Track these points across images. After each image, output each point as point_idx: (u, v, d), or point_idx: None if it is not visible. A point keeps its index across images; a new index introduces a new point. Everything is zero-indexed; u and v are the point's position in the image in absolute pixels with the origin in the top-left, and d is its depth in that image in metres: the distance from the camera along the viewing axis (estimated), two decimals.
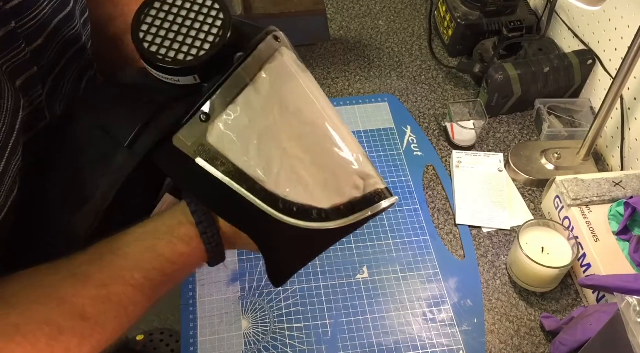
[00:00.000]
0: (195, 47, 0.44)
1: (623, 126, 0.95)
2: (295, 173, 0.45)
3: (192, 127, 0.44)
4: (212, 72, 0.44)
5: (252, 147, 0.44)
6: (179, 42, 0.44)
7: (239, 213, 0.46)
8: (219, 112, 0.44)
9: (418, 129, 1.04)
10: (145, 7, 0.45)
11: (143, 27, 0.45)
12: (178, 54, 0.44)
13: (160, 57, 0.44)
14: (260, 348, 0.77)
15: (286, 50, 0.47)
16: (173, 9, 0.45)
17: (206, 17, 0.45)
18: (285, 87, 0.46)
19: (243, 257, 0.86)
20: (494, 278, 0.85)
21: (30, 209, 0.48)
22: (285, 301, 0.81)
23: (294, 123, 0.46)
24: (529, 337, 0.79)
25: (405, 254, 0.87)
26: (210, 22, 0.45)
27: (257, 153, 0.44)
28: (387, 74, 1.14)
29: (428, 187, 0.96)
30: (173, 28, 0.45)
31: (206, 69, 0.44)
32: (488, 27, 1.12)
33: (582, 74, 1.04)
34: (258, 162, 0.44)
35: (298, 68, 0.48)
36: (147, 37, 0.44)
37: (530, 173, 0.96)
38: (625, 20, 0.91)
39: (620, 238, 0.81)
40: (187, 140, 0.44)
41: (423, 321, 0.80)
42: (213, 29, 0.45)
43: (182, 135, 0.44)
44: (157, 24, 0.45)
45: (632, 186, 0.85)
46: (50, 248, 0.49)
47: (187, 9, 0.45)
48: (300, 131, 0.46)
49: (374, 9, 1.29)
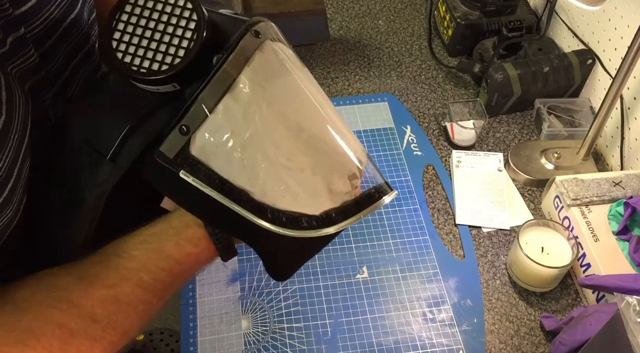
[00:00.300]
0: (170, 54, 0.42)
1: (623, 126, 0.95)
2: (282, 181, 0.44)
3: (173, 141, 0.43)
4: (192, 76, 0.43)
5: (236, 157, 0.43)
6: (152, 51, 0.42)
7: (230, 223, 0.45)
8: (199, 124, 0.42)
9: (418, 129, 1.04)
10: (117, 12, 0.43)
11: (116, 36, 0.43)
12: (153, 63, 0.42)
13: (135, 69, 0.42)
14: (260, 348, 0.77)
15: (270, 45, 0.45)
16: (145, 12, 0.43)
17: (179, 19, 0.43)
18: (269, 88, 0.44)
19: (243, 257, 0.86)
20: (494, 278, 0.85)
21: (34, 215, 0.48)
22: (285, 301, 0.81)
23: (280, 127, 0.44)
24: (529, 337, 0.79)
25: (405, 254, 0.87)
26: (183, 26, 0.43)
27: (241, 163, 0.43)
28: (387, 74, 1.14)
29: (428, 187, 0.96)
30: (146, 34, 0.43)
31: (185, 76, 0.43)
32: (488, 27, 1.12)
33: (582, 74, 1.04)
34: (243, 173, 0.43)
35: (284, 63, 0.46)
36: (121, 47, 0.43)
37: (530, 173, 0.96)
38: (625, 20, 0.91)
39: (620, 238, 0.81)
40: (169, 153, 0.43)
41: (423, 321, 0.80)
42: (187, 33, 0.43)
43: (163, 149, 0.43)
44: (130, 31, 0.43)
45: (632, 186, 0.85)
46: (54, 254, 0.49)
47: (160, 11, 0.43)
48: (287, 135, 0.44)
49: (374, 9, 1.29)
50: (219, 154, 0.43)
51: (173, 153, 0.43)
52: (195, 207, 0.46)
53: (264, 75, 0.44)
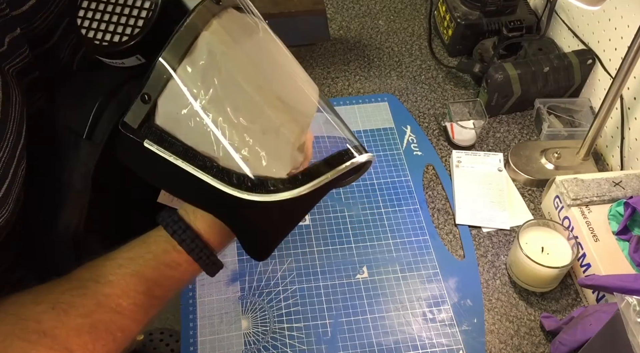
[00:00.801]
0: (130, 26, 0.43)
1: (623, 126, 0.95)
2: (245, 144, 0.43)
3: (136, 111, 0.43)
4: (155, 47, 0.42)
5: (198, 123, 0.42)
6: (114, 24, 0.43)
7: (199, 194, 0.45)
8: (160, 91, 0.42)
9: (418, 129, 1.04)
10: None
11: (80, 13, 0.44)
12: (114, 36, 0.43)
13: (97, 43, 0.43)
14: (260, 348, 0.77)
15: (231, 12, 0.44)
16: None
17: None
18: (228, 52, 0.43)
19: (243, 257, 0.86)
20: (494, 278, 0.85)
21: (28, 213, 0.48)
22: (285, 301, 0.81)
23: (240, 90, 0.43)
24: (529, 337, 0.79)
25: (405, 254, 0.87)
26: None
27: (203, 129, 0.42)
28: (387, 74, 1.14)
29: (428, 187, 0.96)
30: (108, 9, 0.43)
31: (147, 47, 0.43)
32: (488, 27, 1.11)
33: (582, 74, 1.04)
34: (206, 138, 0.42)
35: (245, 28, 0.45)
36: (85, 23, 0.43)
37: (530, 173, 0.96)
38: (625, 20, 0.91)
39: (620, 238, 0.81)
40: (133, 123, 0.43)
41: (423, 321, 0.80)
42: (145, 4, 0.43)
43: (127, 120, 0.43)
44: (93, 7, 0.44)
45: (632, 186, 0.85)
46: (49, 247, 0.49)
47: None
48: (248, 97, 0.43)
49: (374, 9, 1.29)
50: (181, 121, 0.42)
51: (137, 122, 0.43)
52: (162, 178, 0.45)
53: (222, 39, 0.43)
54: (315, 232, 0.89)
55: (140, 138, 0.43)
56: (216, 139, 0.42)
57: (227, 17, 0.44)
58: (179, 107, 0.42)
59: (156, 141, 0.43)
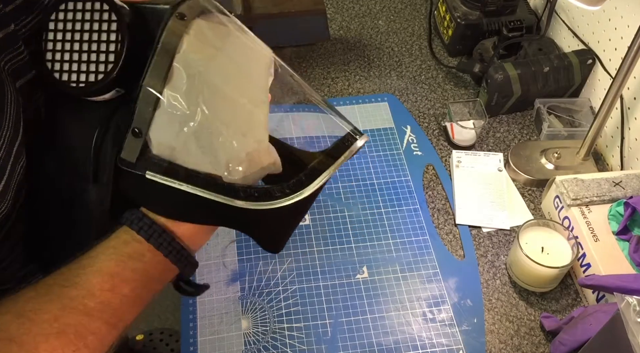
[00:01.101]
0: (102, 62, 0.42)
1: (623, 126, 0.95)
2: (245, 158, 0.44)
3: (130, 145, 0.43)
4: (132, 78, 0.42)
5: (194, 147, 0.43)
6: (85, 63, 0.42)
7: (209, 212, 0.45)
8: (149, 122, 0.42)
9: (418, 129, 1.04)
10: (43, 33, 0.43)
11: (49, 56, 0.43)
12: (89, 75, 0.42)
13: (74, 85, 0.42)
14: (260, 348, 0.77)
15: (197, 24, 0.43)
16: (68, 25, 0.43)
17: (101, 24, 0.42)
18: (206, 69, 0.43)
19: (243, 257, 0.86)
20: (494, 278, 0.85)
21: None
22: (285, 301, 0.81)
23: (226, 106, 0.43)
24: (529, 337, 0.79)
25: (405, 254, 0.87)
26: (106, 29, 0.42)
27: (200, 151, 0.43)
28: (387, 74, 1.14)
29: (428, 187, 0.96)
30: (75, 47, 0.42)
31: (123, 79, 0.42)
32: (488, 27, 1.11)
33: (582, 74, 1.04)
34: (205, 159, 0.43)
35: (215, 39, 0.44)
36: (56, 66, 0.43)
37: (530, 173, 0.96)
38: (625, 20, 0.91)
39: (620, 238, 0.81)
40: (131, 158, 0.43)
41: (423, 321, 0.80)
42: (112, 36, 0.42)
43: (124, 156, 0.43)
44: (60, 48, 0.43)
45: (632, 186, 0.85)
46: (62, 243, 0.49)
47: (81, 21, 0.43)
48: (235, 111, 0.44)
49: (374, 9, 1.29)
50: (177, 147, 0.43)
51: (134, 157, 0.43)
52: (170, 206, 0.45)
53: (197, 57, 0.42)
54: (315, 232, 0.89)
55: (141, 170, 0.43)
56: (215, 158, 0.43)
57: (195, 30, 0.43)
58: (171, 135, 0.42)
59: (157, 171, 0.43)
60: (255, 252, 0.86)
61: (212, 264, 0.85)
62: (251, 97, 0.45)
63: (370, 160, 0.98)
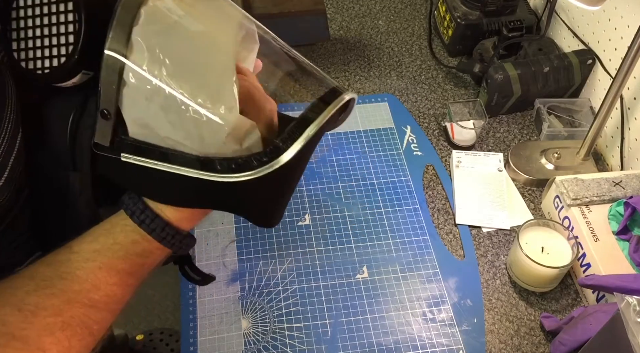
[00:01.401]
0: (63, 44, 0.41)
1: (623, 126, 0.95)
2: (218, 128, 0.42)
3: (102, 129, 0.42)
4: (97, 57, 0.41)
5: (163, 122, 0.41)
6: (48, 47, 0.41)
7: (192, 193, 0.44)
8: (115, 102, 0.41)
9: (418, 129, 1.04)
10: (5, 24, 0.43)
11: (14, 45, 0.42)
12: (52, 60, 0.41)
13: (40, 72, 0.42)
14: (260, 348, 0.77)
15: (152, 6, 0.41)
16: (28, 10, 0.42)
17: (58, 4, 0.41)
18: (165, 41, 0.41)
19: (243, 257, 0.86)
20: (494, 278, 0.85)
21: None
22: (285, 301, 0.81)
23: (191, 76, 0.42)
24: (529, 337, 0.79)
25: (405, 254, 0.87)
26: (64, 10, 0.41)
27: (170, 126, 0.41)
28: (387, 74, 1.14)
29: (428, 187, 0.96)
30: (37, 33, 0.42)
31: (88, 61, 0.41)
32: (488, 27, 1.11)
33: (582, 74, 1.04)
34: (177, 134, 0.41)
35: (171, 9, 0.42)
36: (22, 55, 0.42)
37: (530, 173, 0.96)
38: (625, 20, 0.91)
39: (620, 238, 0.81)
40: (104, 141, 0.42)
41: (423, 321, 0.80)
42: (69, 16, 0.41)
43: (97, 139, 0.42)
44: (23, 36, 0.42)
45: (632, 186, 0.85)
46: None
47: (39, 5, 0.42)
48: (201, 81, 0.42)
49: (374, 9, 1.29)
50: (148, 126, 0.42)
51: (107, 140, 0.42)
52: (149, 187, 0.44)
53: (155, 28, 0.41)
54: (315, 232, 0.89)
55: (116, 153, 0.42)
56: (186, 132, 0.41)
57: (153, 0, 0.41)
58: (140, 113, 0.41)
59: (131, 151, 0.42)
60: (255, 252, 0.86)
61: (212, 264, 0.85)
62: (217, 64, 0.43)
63: (370, 160, 0.99)
